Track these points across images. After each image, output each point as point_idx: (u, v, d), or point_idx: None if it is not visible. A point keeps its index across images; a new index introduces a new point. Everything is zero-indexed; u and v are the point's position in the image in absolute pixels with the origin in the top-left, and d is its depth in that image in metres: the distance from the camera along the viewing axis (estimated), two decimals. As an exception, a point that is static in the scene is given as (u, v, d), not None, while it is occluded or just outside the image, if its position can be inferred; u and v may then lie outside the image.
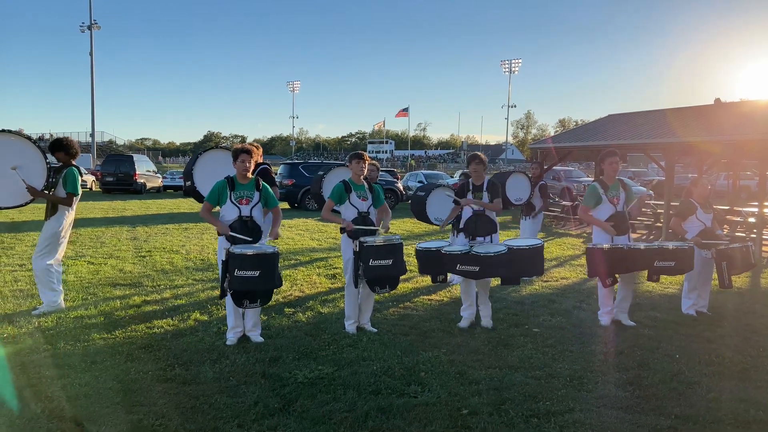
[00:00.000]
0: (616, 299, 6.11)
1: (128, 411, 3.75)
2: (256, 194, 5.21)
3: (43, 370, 4.40)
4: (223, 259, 4.94)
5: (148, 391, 4.08)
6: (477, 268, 5.49)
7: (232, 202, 5.12)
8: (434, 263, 5.92)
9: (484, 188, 5.99)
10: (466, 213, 6.04)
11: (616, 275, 5.83)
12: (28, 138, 6.04)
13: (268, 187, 5.39)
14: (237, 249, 4.85)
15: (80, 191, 6.08)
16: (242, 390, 4.13)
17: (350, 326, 5.59)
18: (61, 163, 6.07)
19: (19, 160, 5.75)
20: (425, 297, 7.10)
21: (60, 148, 6.06)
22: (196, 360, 4.72)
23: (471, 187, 6.02)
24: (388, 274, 5.41)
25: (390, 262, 5.35)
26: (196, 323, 5.76)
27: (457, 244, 6.12)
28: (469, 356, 4.96)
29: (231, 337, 5.20)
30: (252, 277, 4.78)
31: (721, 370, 4.74)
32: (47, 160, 5.91)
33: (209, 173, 6.03)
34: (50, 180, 5.91)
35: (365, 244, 5.28)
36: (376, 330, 5.63)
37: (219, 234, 5.17)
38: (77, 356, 4.73)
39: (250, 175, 5.25)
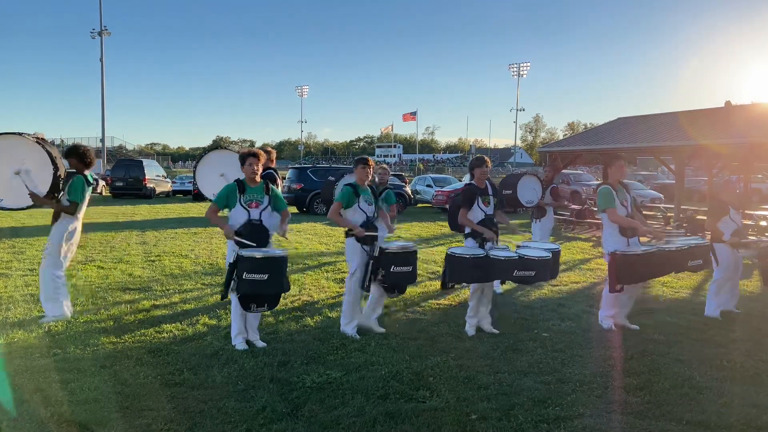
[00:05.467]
0: (621, 303, 6.04)
1: (137, 415, 3.76)
2: (266, 198, 5.22)
3: (53, 374, 4.42)
4: (231, 261, 4.95)
5: (157, 395, 4.09)
6: (533, 273, 5.46)
7: (242, 205, 5.13)
8: (478, 270, 5.46)
9: (490, 192, 5.97)
10: (476, 217, 5.98)
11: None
12: (38, 142, 5.78)
13: (277, 190, 5.40)
14: (246, 252, 4.86)
15: (85, 199, 5.90)
16: (250, 394, 4.13)
17: (351, 329, 5.59)
18: (73, 170, 5.95)
19: (25, 163, 5.58)
20: (433, 301, 7.08)
21: (74, 154, 5.92)
22: (205, 364, 4.73)
23: (479, 192, 5.97)
24: (406, 280, 5.69)
25: (410, 269, 5.57)
26: (205, 327, 5.77)
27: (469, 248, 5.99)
28: (477, 361, 4.93)
29: (240, 342, 5.16)
30: (261, 281, 4.80)
31: (733, 374, 4.69)
32: (66, 167, 5.81)
33: (207, 175, 6.59)
34: (62, 187, 5.78)
35: (387, 251, 5.44)
36: (383, 330, 5.66)
37: (227, 238, 5.18)
38: (86, 360, 4.75)
39: (258, 178, 5.26)
